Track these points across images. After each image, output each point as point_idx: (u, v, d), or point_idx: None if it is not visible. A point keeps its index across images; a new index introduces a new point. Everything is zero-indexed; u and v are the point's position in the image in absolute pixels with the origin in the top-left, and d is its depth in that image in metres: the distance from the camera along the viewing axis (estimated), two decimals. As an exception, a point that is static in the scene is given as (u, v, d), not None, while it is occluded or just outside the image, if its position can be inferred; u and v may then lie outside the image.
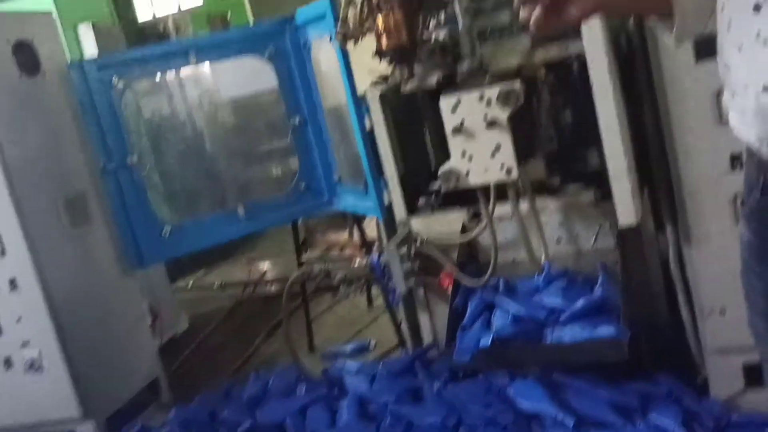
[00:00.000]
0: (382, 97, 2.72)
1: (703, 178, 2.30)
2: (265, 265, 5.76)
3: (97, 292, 3.12)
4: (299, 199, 3.34)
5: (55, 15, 4.37)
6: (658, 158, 2.39)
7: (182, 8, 15.74)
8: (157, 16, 15.91)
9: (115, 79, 3.04)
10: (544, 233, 2.60)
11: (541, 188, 2.60)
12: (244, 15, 7.12)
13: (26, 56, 2.88)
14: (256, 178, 3.52)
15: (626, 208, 2.27)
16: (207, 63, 3.33)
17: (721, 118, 2.18)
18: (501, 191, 2.47)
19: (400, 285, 2.72)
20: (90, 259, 3.10)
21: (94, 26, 5.09)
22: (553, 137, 2.63)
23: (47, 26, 3.13)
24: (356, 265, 3.46)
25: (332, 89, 3.12)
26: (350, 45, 2.69)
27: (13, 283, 2.82)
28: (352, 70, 2.78)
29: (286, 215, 3.44)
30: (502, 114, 2.28)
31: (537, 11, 1.15)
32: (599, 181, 2.45)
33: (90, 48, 5.14)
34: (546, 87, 2.57)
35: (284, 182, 3.38)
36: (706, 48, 2.12)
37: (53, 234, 2.92)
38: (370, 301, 4.29)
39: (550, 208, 2.62)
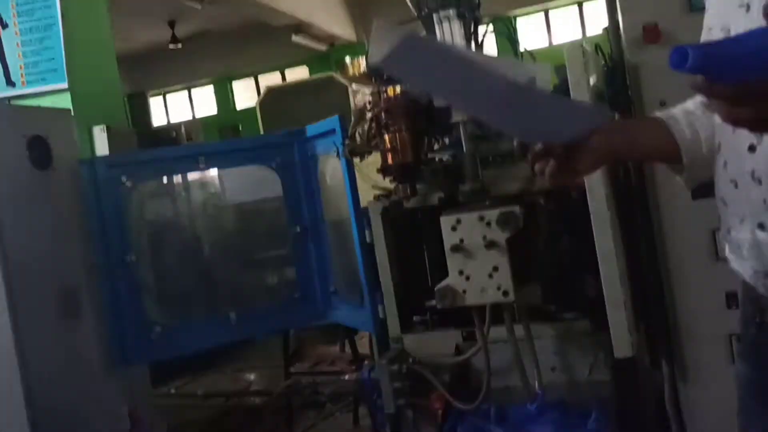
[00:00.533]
0: (384, 212, 2.77)
1: (698, 315, 2.31)
2: (251, 376, 5.63)
3: (78, 387, 3.03)
4: (293, 308, 3.32)
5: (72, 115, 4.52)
6: (655, 292, 2.40)
7: (196, 116, 16.39)
8: (171, 121, 16.52)
9: (123, 179, 3.10)
10: (539, 360, 2.56)
11: (537, 314, 2.59)
12: (256, 128, 7.35)
13: (39, 150, 2.96)
14: (252, 285, 3.51)
15: (622, 340, 2.25)
16: (214, 169, 3.40)
17: (717, 254, 2.21)
18: (497, 314, 2.46)
19: (389, 404, 2.64)
20: (75, 353, 3.03)
21: (108, 128, 5.22)
22: (551, 264, 2.65)
23: (63, 123, 3.23)
24: (346, 379, 3.38)
25: (335, 202, 3.18)
26: (356, 160, 2.76)
27: (-7, 375, 2.75)
28: (356, 184, 2.85)
29: (279, 324, 3.40)
30: (502, 236, 2.31)
31: (550, 166, 1.21)
32: (596, 311, 2.44)
33: (102, 149, 5.24)
34: (545, 213, 2.61)
35: (279, 291, 3.36)
36: (702, 186, 2.19)
37: (42, 323, 2.88)
38: (356, 419, 4.16)
39: (545, 335, 2.59)
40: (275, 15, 11.09)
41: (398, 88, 2.55)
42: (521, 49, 2.70)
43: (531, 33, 14.27)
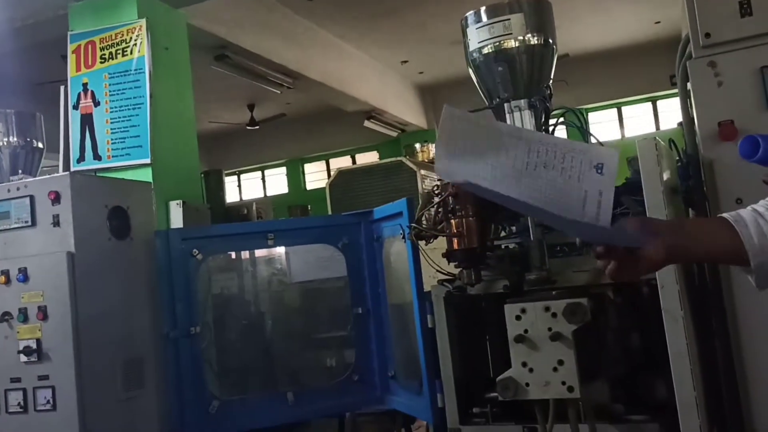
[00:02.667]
0: (447, 298, 2.74)
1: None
2: (305, 458, 5.52)
3: (136, 459, 3.05)
4: (351, 391, 3.28)
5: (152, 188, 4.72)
6: (730, 396, 2.27)
7: (268, 194, 16.85)
8: (243, 198, 17.00)
9: (195, 251, 3.19)
10: (604, 462, 2.43)
11: (602, 413, 2.48)
12: (325, 209, 7.50)
13: (119, 221, 3.09)
14: (311, 365, 3.49)
15: (695, 446, 2.12)
16: (282, 246, 3.47)
17: (798, 361, 2.09)
18: (561, 410, 2.37)
19: (445, 499, 2.55)
20: (135, 424, 3.06)
21: (184, 203, 5.42)
22: (619, 361, 2.55)
23: (143, 195, 3.37)
24: (400, 470, 3.28)
25: (398, 285, 3.17)
26: (422, 244, 2.77)
27: (56, 439, 2.79)
28: (420, 267, 2.84)
29: (336, 406, 3.36)
30: (568, 328, 2.24)
31: (611, 266, 1.26)
32: (666, 414, 2.32)
33: (177, 222, 5.43)
34: (614, 308, 2.54)
35: (337, 373, 3.34)
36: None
37: (106, 394, 2.92)
38: None
39: (611, 436, 2.47)
40: (349, 101, 11.48)
41: (467, 175, 2.57)
42: (592, 140, 2.70)
43: (603, 126, 14.27)
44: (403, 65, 12.56)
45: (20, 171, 3.69)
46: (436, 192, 2.63)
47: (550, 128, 2.73)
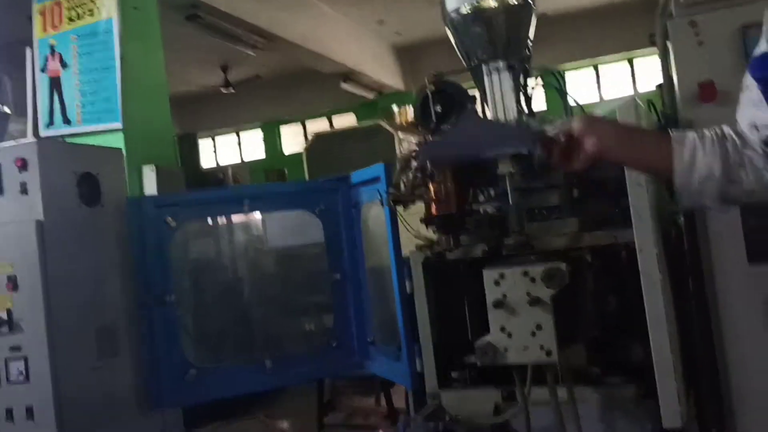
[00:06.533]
0: (426, 263, 2.72)
1: (753, 389, 2.18)
2: (284, 424, 5.54)
3: (112, 427, 3.01)
4: (329, 357, 3.27)
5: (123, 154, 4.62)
6: (706, 359, 2.29)
7: (244, 159, 16.67)
8: (220, 164, 16.82)
9: (169, 219, 3.13)
10: (582, 426, 2.45)
11: (580, 377, 2.49)
12: (303, 173, 7.42)
13: (89, 188, 3.01)
14: (288, 331, 3.47)
15: (671, 409, 2.14)
16: (258, 212, 3.41)
17: (774, 324, 2.10)
18: (539, 374, 2.38)
19: (423, 462, 2.56)
20: (110, 393, 3.03)
21: (157, 168, 5.32)
22: (597, 324, 2.56)
23: (114, 161, 3.29)
24: (379, 434, 3.29)
25: (376, 251, 3.14)
26: (399, 209, 2.73)
27: (29, 412, 2.74)
28: (398, 233, 2.81)
29: (314, 372, 3.36)
30: (546, 293, 2.23)
31: (555, 154, 1.47)
32: (643, 377, 2.34)
33: (151, 188, 5.34)
34: (592, 272, 2.53)
35: (315, 338, 3.32)
36: (759, 250, 2.10)
37: (79, 363, 2.88)
38: (389, 476, 4.04)
39: (589, 400, 2.48)
40: (326, 63, 11.30)
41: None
42: (571, 102, 2.66)
43: (581, 87, 14.23)
44: (380, 26, 12.38)
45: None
46: (414, 156, 2.59)
47: (529, 89, 2.68)
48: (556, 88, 2.59)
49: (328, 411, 3.93)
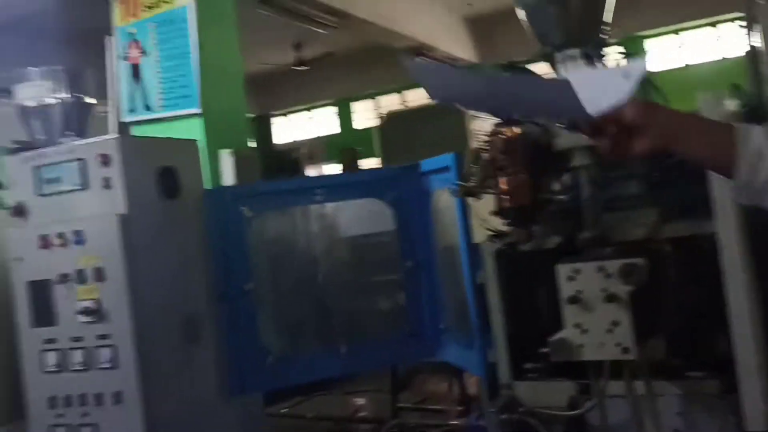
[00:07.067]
0: (497, 253, 2.70)
1: None
2: (360, 401, 5.65)
3: (197, 414, 3.13)
4: (403, 344, 3.30)
5: (202, 142, 4.74)
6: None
7: (319, 134, 16.88)
8: (294, 140, 17.08)
9: (245, 210, 3.20)
10: (661, 420, 2.39)
11: (660, 370, 2.42)
12: (373, 149, 7.47)
13: (169, 181, 3.10)
14: (363, 318, 3.51)
15: (755, 411, 2.06)
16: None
17: None
18: (615, 368, 2.33)
19: (497, 454, 2.56)
20: (194, 380, 3.13)
21: (234, 152, 5.45)
22: (678, 317, 2.47)
23: (191, 153, 3.37)
24: (453, 423, 3.31)
25: (449, 238, 3.13)
26: (471, 200, 2.71)
27: (118, 397, 2.88)
28: (470, 224, 2.79)
29: (388, 359, 3.40)
30: (623, 289, 2.18)
31: (605, 142, 1.31)
32: (726, 371, 2.25)
33: (228, 172, 5.47)
34: (672, 264, 2.45)
35: (389, 325, 3.35)
36: None
37: (164, 351, 3.00)
38: (463, 464, 4.05)
39: (668, 394, 2.42)
40: (397, 38, 11.24)
41: (516, 129, 2.48)
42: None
43: (662, 53, 13.66)
44: (451, -2, 12.20)
45: (68, 132, 3.72)
46: (485, 148, 2.55)
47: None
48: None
49: (402, 390, 3.97)
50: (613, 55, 2.59)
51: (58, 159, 3.00)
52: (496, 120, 2.54)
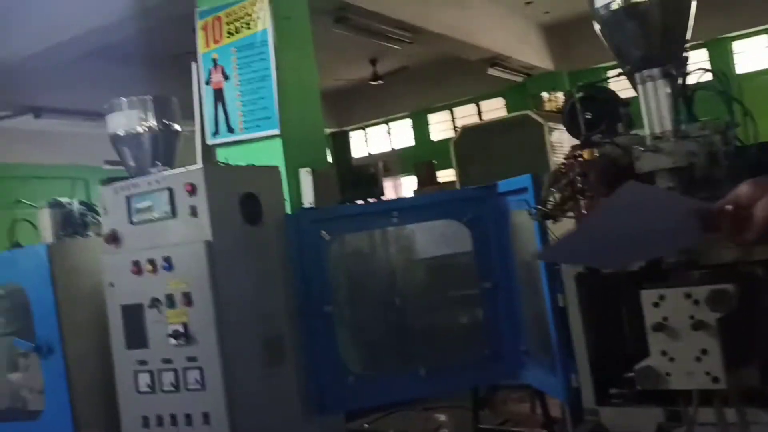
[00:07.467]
0: (579, 277, 2.65)
1: None
2: (441, 417, 5.62)
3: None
4: (482, 366, 3.27)
5: (282, 162, 4.85)
6: None
7: (394, 147, 16.96)
8: (371, 153, 17.23)
9: (323, 233, 3.26)
10: (756, 451, 2.29)
11: (753, 397, 2.32)
12: (450, 161, 7.45)
13: (251, 207, 3.20)
14: (441, 339, 3.51)
15: None
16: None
17: None
18: (706, 394, 2.24)
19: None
20: (278, 399, 3.21)
21: (312, 170, 5.57)
22: (772, 343, 2.36)
23: (272, 179, 3.47)
24: (535, 448, 3.26)
25: (528, 258, 3.09)
26: (549, 223, 2.67)
27: (206, 417, 2.98)
28: (549, 247, 2.75)
29: (468, 381, 3.38)
30: (712, 316, 2.10)
31: (724, 230, 1.23)
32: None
33: (308, 189, 5.60)
34: (765, 288, 2.34)
35: (469, 347, 3.33)
36: None
37: (249, 372, 3.08)
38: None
39: (763, 423, 2.31)
40: (472, 50, 11.20)
41: (596, 151, 2.44)
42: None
43: (752, 55, 13.06)
44: (527, 6, 12.05)
45: (157, 162, 3.88)
46: (564, 170, 2.52)
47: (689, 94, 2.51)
48: (719, 92, 2.40)
49: (483, 408, 3.93)
50: (698, 71, 2.51)
51: (149, 189, 3.14)
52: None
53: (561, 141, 6.30)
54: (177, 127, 4.71)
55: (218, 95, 6.18)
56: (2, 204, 6.81)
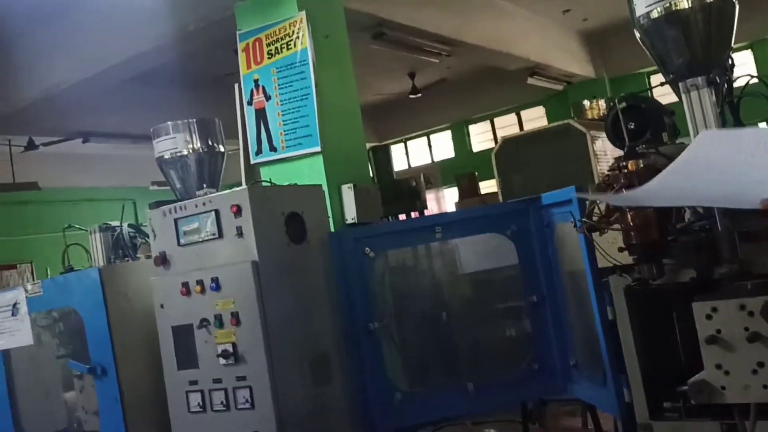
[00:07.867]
0: (628, 290, 2.60)
1: None
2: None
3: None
4: (530, 380, 3.24)
5: (324, 179, 4.88)
6: None
7: (435, 159, 16.96)
8: (411, 165, 17.24)
9: (367, 250, 3.28)
10: (820, 467, 2.21)
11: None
12: (491, 172, 7.41)
13: (296, 226, 3.23)
14: (488, 354, 3.49)
15: None
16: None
17: None
18: (763, 406, 2.18)
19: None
20: (326, 418, 3.22)
21: (354, 186, 5.61)
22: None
23: (316, 198, 3.51)
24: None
25: (574, 270, 3.06)
26: (595, 235, 2.64)
27: (256, 437, 3.01)
28: (596, 260, 2.72)
29: (516, 396, 3.34)
30: (767, 329, 2.04)
31: None
32: None
33: (350, 205, 5.63)
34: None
35: (516, 361, 3.30)
36: None
37: (298, 390, 3.10)
38: None
39: (826, 437, 2.24)
40: (511, 60, 11.14)
41: (641, 162, 2.40)
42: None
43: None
44: (565, 14, 11.95)
45: (204, 184, 3.95)
46: (608, 182, 2.49)
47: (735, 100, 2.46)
48: (766, 97, 2.35)
49: (533, 421, 3.88)
50: (744, 77, 2.46)
51: (196, 211, 3.20)
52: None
53: (605, 149, 6.20)
54: (221, 148, 4.80)
55: (260, 115, 6.27)
56: (54, 227, 7.02)
